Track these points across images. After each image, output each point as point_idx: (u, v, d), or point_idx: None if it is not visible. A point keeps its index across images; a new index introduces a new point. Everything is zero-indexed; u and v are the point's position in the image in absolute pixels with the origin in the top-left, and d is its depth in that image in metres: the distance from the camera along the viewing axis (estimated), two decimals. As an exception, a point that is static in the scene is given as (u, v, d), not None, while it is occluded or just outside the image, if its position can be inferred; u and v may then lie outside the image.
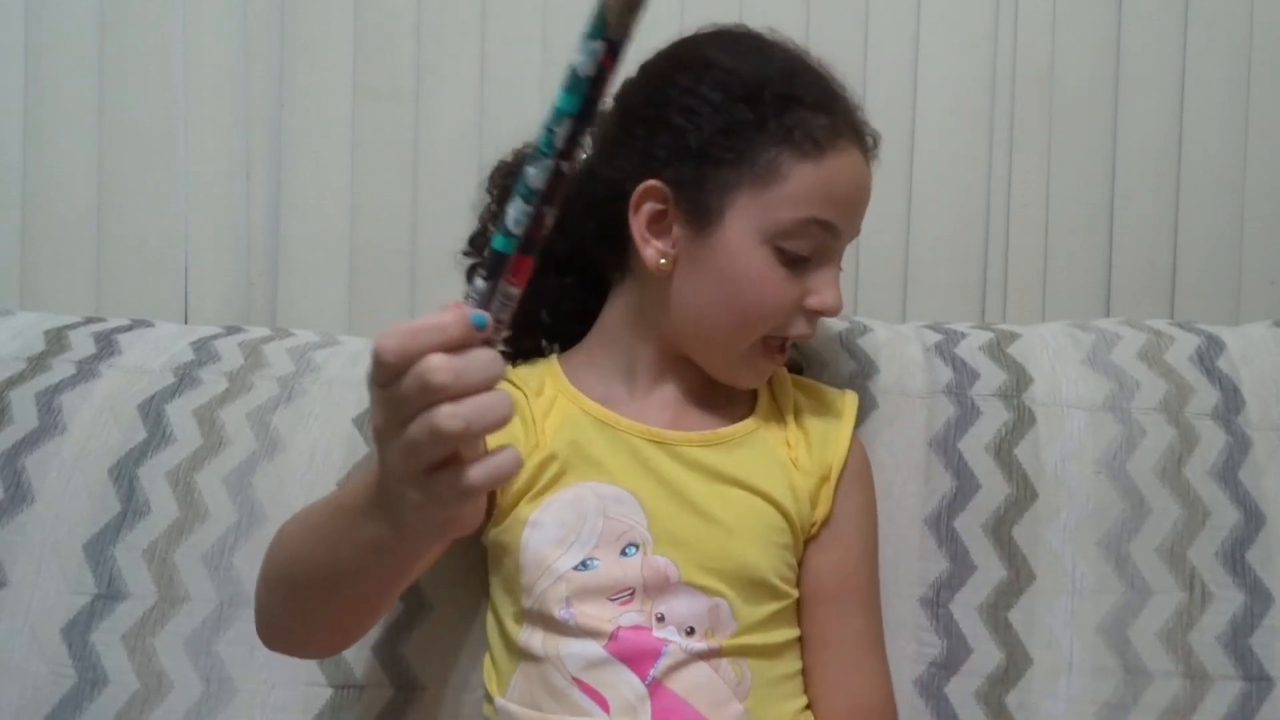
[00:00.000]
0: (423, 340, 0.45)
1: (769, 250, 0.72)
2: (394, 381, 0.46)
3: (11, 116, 1.16)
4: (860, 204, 0.77)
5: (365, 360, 0.95)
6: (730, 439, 0.78)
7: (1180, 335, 0.97)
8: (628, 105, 0.76)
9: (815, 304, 0.75)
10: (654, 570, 0.72)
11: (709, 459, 0.76)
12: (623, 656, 0.70)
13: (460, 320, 0.45)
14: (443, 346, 0.45)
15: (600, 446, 0.75)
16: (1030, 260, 1.20)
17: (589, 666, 0.70)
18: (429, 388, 0.45)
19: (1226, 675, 0.84)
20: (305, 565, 0.61)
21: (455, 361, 0.45)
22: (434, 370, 0.44)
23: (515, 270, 0.46)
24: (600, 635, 0.70)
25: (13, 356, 0.93)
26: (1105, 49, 1.19)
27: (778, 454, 0.78)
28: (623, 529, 0.73)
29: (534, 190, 0.45)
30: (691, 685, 0.70)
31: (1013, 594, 0.86)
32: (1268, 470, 0.89)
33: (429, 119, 1.18)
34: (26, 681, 0.81)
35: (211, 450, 0.88)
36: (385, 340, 0.45)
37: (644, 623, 0.71)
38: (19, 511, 0.85)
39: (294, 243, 1.17)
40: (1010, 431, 0.90)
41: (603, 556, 0.72)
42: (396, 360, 0.45)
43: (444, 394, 0.45)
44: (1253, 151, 1.20)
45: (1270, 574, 0.86)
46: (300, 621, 0.64)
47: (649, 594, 0.72)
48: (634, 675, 0.70)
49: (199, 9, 1.17)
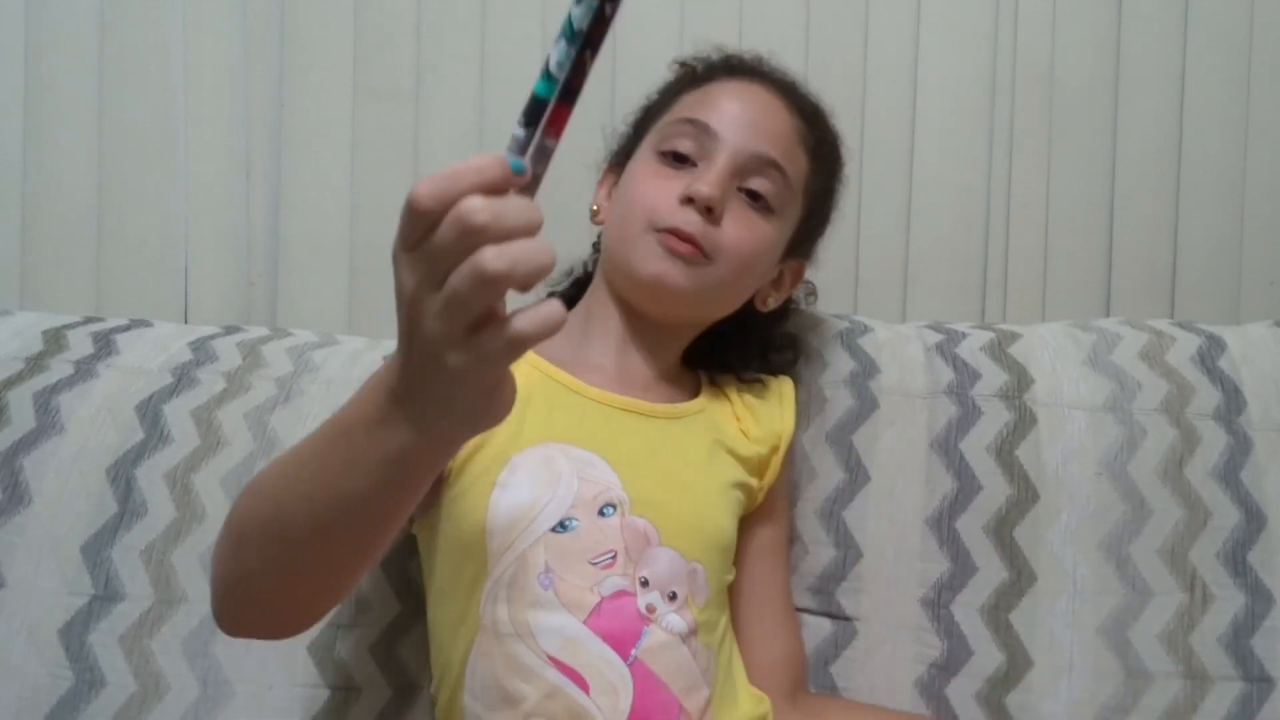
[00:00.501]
0: (460, 182, 0.43)
1: (653, 155, 0.81)
2: (427, 235, 0.43)
3: (11, 116, 1.16)
4: (747, 118, 0.80)
5: (364, 360, 0.96)
6: (687, 413, 0.81)
7: (1181, 335, 0.97)
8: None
9: (686, 190, 0.77)
10: (634, 531, 0.71)
11: (675, 427, 0.79)
12: (604, 633, 0.68)
13: (498, 162, 0.43)
14: (480, 188, 0.43)
15: (568, 411, 0.76)
16: (1030, 260, 1.19)
17: (566, 644, 0.67)
18: (469, 229, 0.42)
19: (1227, 676, 0.84)
20: (304, 505, 0.53)
21: (494, 203, 0.42)
22: (474, 211, 0.42)
23: (554, 119, 0.45)
24: (580, 608, 0.68)
25: (11, 356, 0.93)
26: (1105, 49, 1.19)
27: (729, 427, 0.83)
28: (598, 489, 0.72)
29: (578, 31, 0.44)
30: (671, 667, 0.69)
31: (1014, 595, 0.85)
32: (1269, 471, 0.89)
33: (429, 119, 1.17)
34: (24, 683, 0.81)
35: (209, 451, 0.88)
36: (420, 186, 0.43)
37: (628, 587, 0.70)
38: (16, 512, 0.85)
39: (294, 243, 1.17)
40: (1011, 432, 0.90)
41: (581, 517, 0.70)
42: (433, 205, 0.43)
43: (485, 236, 0.42)
44: (1253, 151, 1.20)
45: (1271, 575, 0.86)
46: (285, 581, 0.57)
47: (631, 556, 0.70)
48: (615, 654, 0.68)
49: (199, 9, 1.17)
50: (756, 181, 0.79)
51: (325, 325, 1.10)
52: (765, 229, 0.80)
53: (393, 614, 0.83)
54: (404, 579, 0.84)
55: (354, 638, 0.83)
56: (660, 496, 0.73)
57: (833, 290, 1.00)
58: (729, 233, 0.77)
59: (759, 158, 0.79)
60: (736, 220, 0.78)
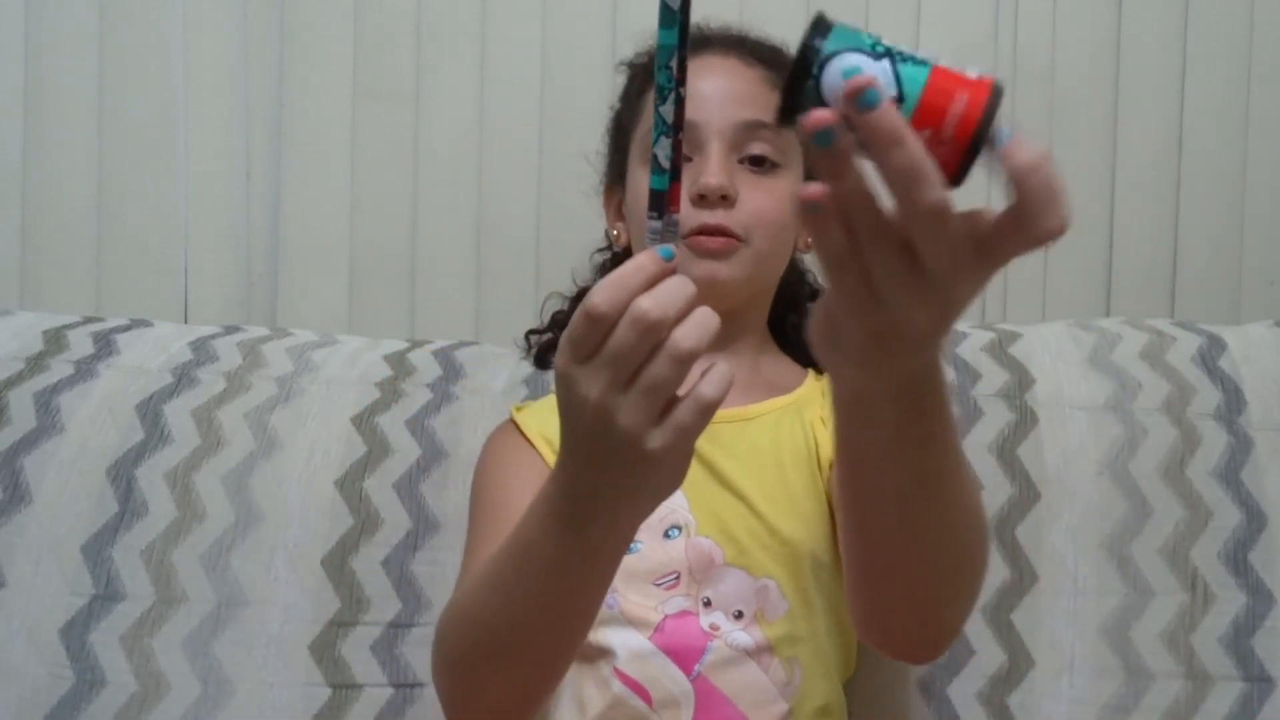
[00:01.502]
0: (631, 283, 0.47)
1: (646, 165, 0.78)
2: (602, 342, 0.47)
3: (11, 116, 1.15)
4: (719, 93, 0.79)
5: (364, 359, 0.96)
6: (760, 415, 0.79)
7: (1182, 335, 0.97)
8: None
9: (694, 189, 0.77)
10: (699, 552, 0.72)
11: (741, 437, 0.77)
12: (668, 649, 0.70)
13: (655, 260, 0.47)
14: (647, 285, 0.47)
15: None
16: (1030, 260, 1.18)
17: (633, 658, 0.70)
18: (649, 327, 0.46)
19: (1228, 676, 0.84)
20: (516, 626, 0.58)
21: (659, 296, 0.46)
22: (647, 310, 0.46)
23: (674, 199, 0.50)
24: (645, 625, 0.70)
25: (11, 356, 0.93)
26: (1105, 49, 1.19)
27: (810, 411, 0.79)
28: (664, 512, 0.72)
29: (671, 125, 0.49)
30: (738, 683, 0.70)
31: (1015, 595, 0.85)
32: (1270, 471, 0.89)
33: (429, 119, 1.17)
34: (25, 683, 0.81)
35: (209, 450, 0.88)
36: (596, 296, 0.46)
37: (690, 608, 0.71)
38: (17, 512, 0.85)
39: (294, 243, 1.17)
40: (1013, 432, 0.90)
41: (646, 540, 0.72)
42: (610, 309, 0.46)
43: (664, 326, 0.46)
44: (1253, 151, 1.20)
45: (1272, 575, 0.86)
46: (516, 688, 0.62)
47: (694, 577, 0.72)
48: (678, 669, 0.70)
49: (199, 9, 1.17)
50: (754, 146, 0.79)
51: (325, 325, 1.09)
52: (780, 185, 0.80)
53: (393, 613, 0.83)
54: (404, 578, 0.84)
55: (354, 637, 0.83)
56: (726, 514, 0.73)
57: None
58: (750, 206, 0.78)
59: (746, 125, 0.79)
60: (752, 192, 0.78)
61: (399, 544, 0.85)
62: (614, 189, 0.88)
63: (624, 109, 0.88)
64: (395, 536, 0.85)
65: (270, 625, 0.83)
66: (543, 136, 1.17)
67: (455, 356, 0.97)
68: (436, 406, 0.91)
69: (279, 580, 0.84)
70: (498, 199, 1.17)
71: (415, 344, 1.00)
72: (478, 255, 1.17)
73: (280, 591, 0.83)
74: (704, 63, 0.81)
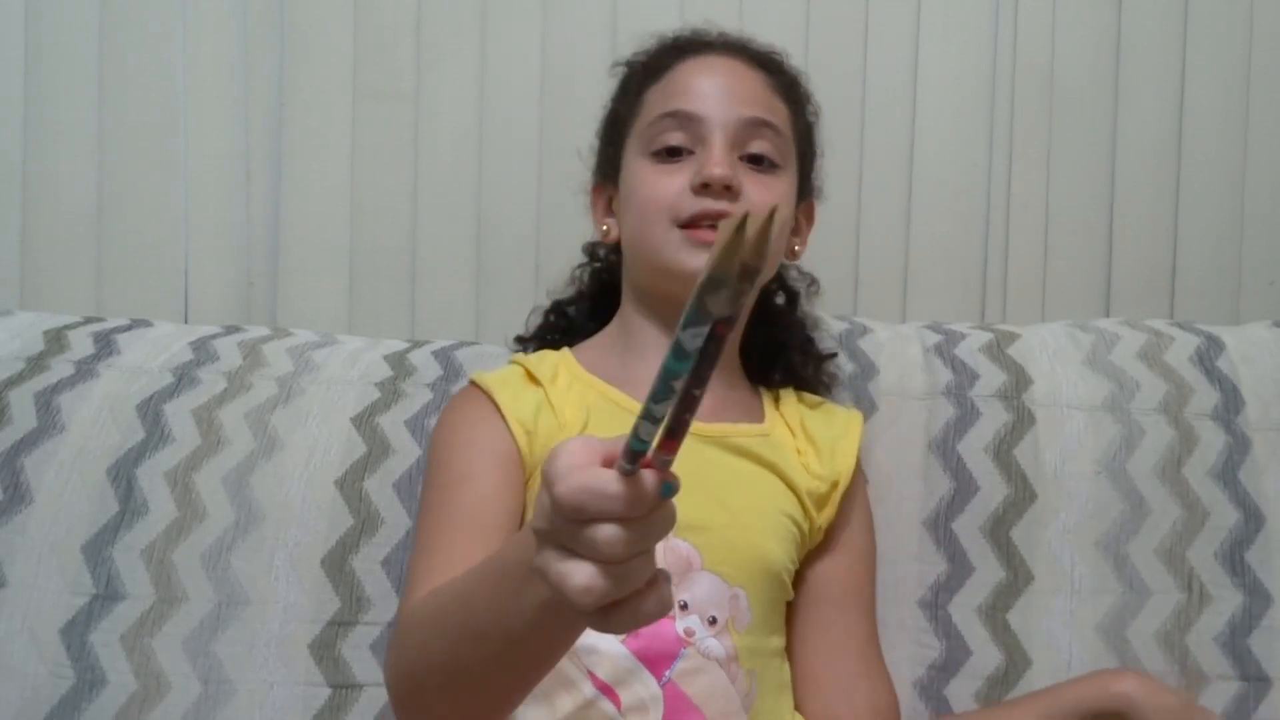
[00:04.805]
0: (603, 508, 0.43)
1: (646, 158, 0.81)
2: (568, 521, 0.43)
3: (11, 116, 1.16)
4: (722, 90, 0.80)
5: (364, 360, 0.96)
6: (746, 435, 0.80)
7: (1180, 335, 0.97)
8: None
9: (698, 179, 0.77)
10: (676, 555, 0.72)
11: (728, 450, 0.78)
12: (641, 654, 0.70)
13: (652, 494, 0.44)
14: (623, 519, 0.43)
15: (617, 430, 0.75)
16: (1030, 260, 1.20)
17: (603, 660, 0.70)
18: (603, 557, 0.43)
19: (1224, 675, 0.84)
20: (476, 645, 0.56)
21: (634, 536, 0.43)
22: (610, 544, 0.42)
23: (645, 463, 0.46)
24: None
25: (12, 356, 0.93)
26: (1105, 49, 1.19)
27: (791, 458, 0.81)
28: None
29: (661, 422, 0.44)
30: (705, 691, 0.71)
31: (1011, 595, 0.86)
32: (1267, 471, 0.89)
33: (429, 119, 1.17)
34: (25, 682, 0.81)
35: (210, 450, 0.88)
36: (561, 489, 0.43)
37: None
38: (17, 512, 0.85)
39: (294, 243, 1.17)
40: (1010, 433, 0.90)
41: None
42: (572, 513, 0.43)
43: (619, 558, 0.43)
44: (1253, 151, 1.20)
45: (1269, 574, 0.86)
46: (463, 706, 0.60)
47: (672, 580, 0.71)
48: (650, 675, 0.70)
49: (199, 9, 1.17)
50: (756, 144, 0.80)
51: (325, 325, 1.10)
52: (779, 185, 0.81)
53: (393, 613, 0.83)
54: (404, 578, 0.84)
55: (354, 636, 0.83)
56: (705, 520, 0.73)
57: (833, 291, 1.00)
58: (754, 199, 0.78)
59: (749, 122, 0.79)
60: (754, 187, 0.79)
61: (399, 544, 0.85)
62: (604, 186, 0.88)
63: (620, 103, 0.87)
64: (395, 536, 0.86)
65: (270, 625, 0.83)
66: (543, 136, 1.17)
67: (455, 356, 0.97)
68: (437, 406, 0.91)
69: (279, 580, 0.84)
70: (498, 199, 1.18)
71: (415, 344, 1.00)
72: (478, 255, 1.17)
73: (280, 591, 0.84)
74: (708, 61, 0.82)
